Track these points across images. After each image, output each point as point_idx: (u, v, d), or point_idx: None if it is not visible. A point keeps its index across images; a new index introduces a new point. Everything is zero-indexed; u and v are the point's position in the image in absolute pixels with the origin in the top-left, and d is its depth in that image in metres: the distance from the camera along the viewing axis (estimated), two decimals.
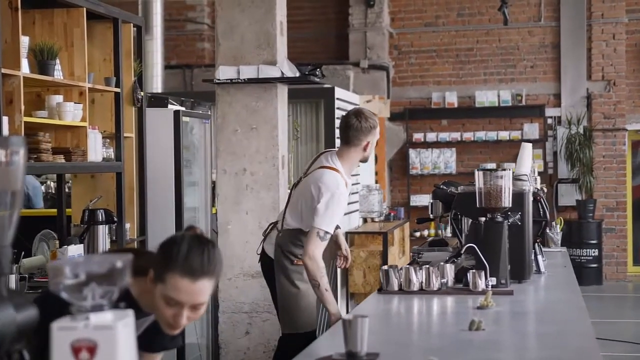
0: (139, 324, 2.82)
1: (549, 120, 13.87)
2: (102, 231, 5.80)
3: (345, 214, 8.48)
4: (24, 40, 5.04)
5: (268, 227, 5.39)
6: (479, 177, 4.92)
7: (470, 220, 5.00)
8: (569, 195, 13.67)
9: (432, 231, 13.63)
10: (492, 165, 13.04)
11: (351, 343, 3.04)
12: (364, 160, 5.22)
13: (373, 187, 10.46)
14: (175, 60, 14.45)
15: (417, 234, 13.58)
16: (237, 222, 6.67)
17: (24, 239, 6.55)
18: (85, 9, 5.60)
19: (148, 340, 3.00)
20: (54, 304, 2.07)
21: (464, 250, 4.86)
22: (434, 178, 13.21)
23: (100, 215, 5.80)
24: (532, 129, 13.73)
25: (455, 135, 13.89)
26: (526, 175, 5.71)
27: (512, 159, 12.95)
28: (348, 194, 5.10)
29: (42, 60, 5.18)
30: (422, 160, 13.97)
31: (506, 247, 4.82)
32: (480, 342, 3.40)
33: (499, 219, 4.87)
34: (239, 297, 6.77)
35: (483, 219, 4.86)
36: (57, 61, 5.34)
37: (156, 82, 11.11)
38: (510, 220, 4.96)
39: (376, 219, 10.81)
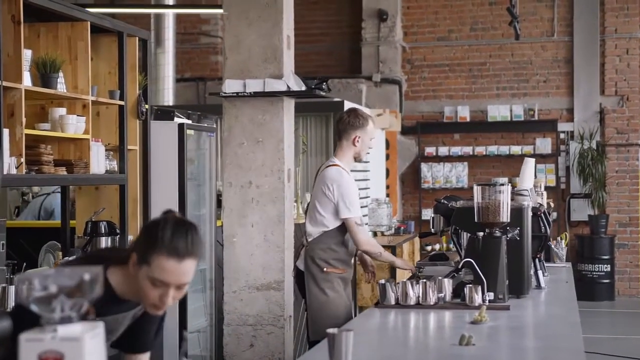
0: (120, 317, 2.93)
1: (562, 135, 13.84)
2: (105, 243, 5.85)
3: None
4: (27, 54, 5.09)
5: (298, 249, 5.82)
6: (477, 192, 4.94)
7: (469, 235, 5.02)
8: (581, 211, 13.63)
9: (444, 245, 13.60)
10: (504, 180, 12.99)
11: (336, 357, 3.05)
12: (357, 157, 5.64)
13: (382, 201, 10.48)
14: (190, 73, 14.52)
15: (429, 247, 13.55)
16: (242, 234, 6.67)
17: (32, 250, 6.60)
18: (89, 22, 5.65)
19: (130, 341, 3.10)
20: (28, 316, 2.10)
21: (461, 265, 4.87)
22: (445, 192, 13.16)
23: (103, 227, 5.85)
24: (544, 144, 13.70)
25: (468, 150, 13.88)
26: (527, 190, 5.72)
27: None
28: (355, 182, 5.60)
29: (44, 73, 5.23)
30: (434, 174, 13.97)
31: (504, 262, 4.82)
32: (468, 357, 3.41)
33: (497, 233, 4.87)
34: (244, 309, 6.77)
35: (481, 233, 4.87)
36: (60, 74, 5.38)
37: (167, 95, 11.18)
38: (509, 235, 4.97)
39: (386, 233, 10.82)
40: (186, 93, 13.88)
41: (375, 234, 10.80)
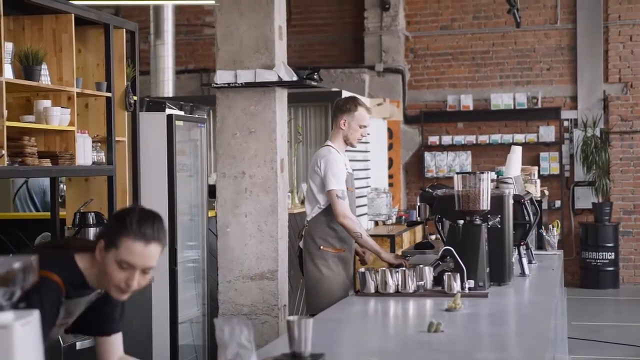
0: (79, 301, 3.09)
1: (565, 123, 13.81)
2: (93, 234, 5.88)
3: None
4: (8, 46, 5.13)
5: (300, 231, 6.03)
6: (457, 180, 4.96)
7: (449, 223, 5.04)
8: (585, 198, 13.60)
9: None
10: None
11: (295, 344, 3.08)
12: (346, 140, 5.87)
13: (381, 190, 10.48)
14: (193, 65, 14.55)
15: (433, 236, 13.54)
16: (236, 225, 6.69)
17: (29, 242, 6.66)
18: (73, 15, 5.68)
19: (95, 325, 3.25)
20: None
21: (440, 253, 4.89)
22: (449, 181, 13.13)
23: (91, 218, 5.88)
24: (548, 132, 13.67)
25: (471, 139, 13.87)
26: (511, 178, 5.73)
27: (528, 162, 12.89)
28: (343, 161, 5.81)
29: (27, 65, 5.26)
30: (438, 164, 13.97)
31: (484, 250, 4.83)
32: (433, 344, 3.43)
33: (478, 221, 4.89)
34: (238, 299, 6.80)
35: (461, 221, 4.88)
36: (44, 66, 5.41)
37: (167, 87, 11.21)
38: (490, 223, 4.98)
39: (387, 222, 10.84)
40: (190, 84, 13.91)
41: (376, 224, 10.81)
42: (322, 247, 5.77)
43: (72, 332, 3.27)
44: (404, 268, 4.82)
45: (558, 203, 13.60)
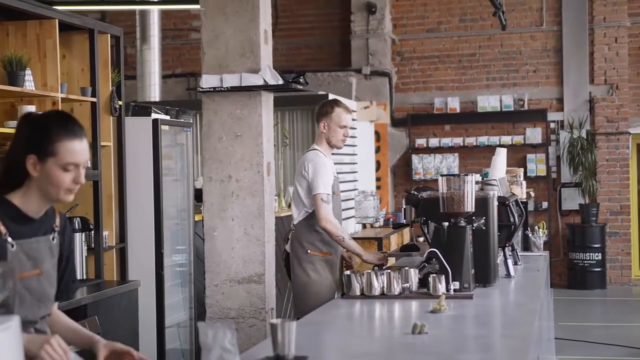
0: (35, 243, 3.09)
1: (552, 125, 13.86)
2: (79, 239, 5.88)
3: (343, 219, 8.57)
4: None
5: (287, 234, 6.12)
6: (442, 182, 4.99)
7: (434, 225, 5.05)
8: (572, 199, 13.66)
9: None
10: None
11: (279, 347, 3.09)
12: (329, 142, 5.96)
13: (368, 193, 10.49)
14: (180, 69, 14.56)
15: (421, 239, 13.55)
16: (223, 228, 6.69)
17: None
18: (57, 20, 5.68)
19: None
20: None
21: (426, 255, 4.90)
22: (436, 183, 13.14)
23: (77, 223, 5.88)
24: (534, 134, 13.72)
25: (458, 141, 13.90)
26: (496, 180, 5.75)
27: (514, 163, 12.97)
28: (330, 164, 5.90)
29: (11, 71, 5.27)
30: (425, 166, 13.99)
31: (469, 252, 4.85)
32: (418, 346, 3.44)
33: (462, 223, 4.90)
34: (226, 302, 6.80)
35: (446, 223, 4.90)
36: (28, 72, 5.42)
37: (154, 91, 11.21)
38: (475, 225, 5.00)
39: (375, 225, 10.85)
40: (177, 89, 13.92)
41: (363, 226, 10.83)
42: (309, 251, 5.83)
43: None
44: (388, 270, 4.83)
45: (545, 204, 13.65)
